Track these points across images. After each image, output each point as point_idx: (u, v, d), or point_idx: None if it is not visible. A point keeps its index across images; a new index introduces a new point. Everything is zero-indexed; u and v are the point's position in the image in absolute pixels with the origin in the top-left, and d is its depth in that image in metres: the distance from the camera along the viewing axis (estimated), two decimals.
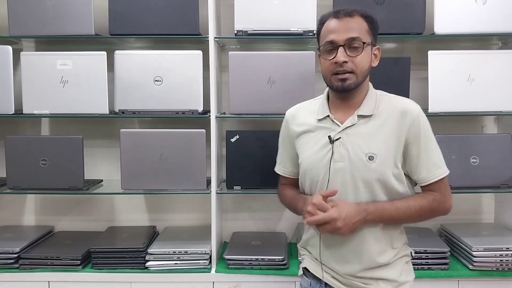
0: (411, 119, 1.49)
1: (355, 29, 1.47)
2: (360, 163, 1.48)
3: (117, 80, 2.07)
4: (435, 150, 1.53)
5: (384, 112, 1.51)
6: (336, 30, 1.47)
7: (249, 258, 2.04)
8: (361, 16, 1.49)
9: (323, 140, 1.53)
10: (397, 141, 1.49)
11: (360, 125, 1.51)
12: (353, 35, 1.46)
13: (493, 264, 1.99)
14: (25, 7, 2.06)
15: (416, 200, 1.52)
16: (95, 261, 2.07)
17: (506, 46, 2.26)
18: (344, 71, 1.46)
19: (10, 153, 2.07)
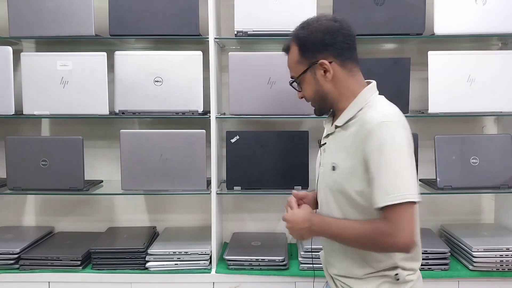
0: (367, 133, 1.33)
1: (291, 67, 1.50)
2: (327, 171, 1.45)
3: (117, 80, 2.07)
4: (390, 171, 1.28)
5: (352, 124, 1.40)
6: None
7: (249, 258, 2.04)
8: (293, 41, 1.46)
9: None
10: (355, 155, 1.36)
11: (337, 134, 1.46)
12: (292, 74, 1.50)
13: (493, 265, 1.99)
14: (25, 7, 2.06)
15: (365, 224, 1.34)
16: (95, 261, 2.07)
17: (506, 46, 2.26)
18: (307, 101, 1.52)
19: (10, 153, 2.07)
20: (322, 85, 1.44)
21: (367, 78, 2.01)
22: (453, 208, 2.42)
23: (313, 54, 1.42)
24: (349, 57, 1.43)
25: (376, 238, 1.30)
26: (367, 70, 2.03)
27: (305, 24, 1.45)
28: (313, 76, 1.44)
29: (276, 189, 2.11)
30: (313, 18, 1.46)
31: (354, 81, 1.45)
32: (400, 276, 1.40)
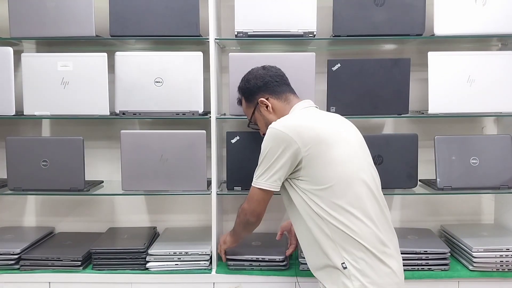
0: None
1: (246, 113, 1.91)
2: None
3: (118, 81, 2.07)
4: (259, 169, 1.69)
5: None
6: None
7: (250, 258, 2.04)
8: (240, 94, 1.90)
9: None
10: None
11: None
12: (247, 118, 1.90)
13: (493, 265, 2.00)
14: (26, 8, 2.06)
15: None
16: (95, 262, 2.07)
17: (505, 47, 2.26)
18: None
19: (11, 154, 2.07)
20: (267, 117, 1.80)
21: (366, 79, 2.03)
22: (453, 209, 2.42)
23: (254, 97, 1.82)
24: (282, 90, 1.81)
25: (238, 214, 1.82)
26: (367, 70, 2.06)
27: (243, 78, 1.87)
28: (260, 113, 1.82)
29: None
30: (247, 73, 1.87)
31: (289, 106, 1.79)
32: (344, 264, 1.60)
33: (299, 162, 1.60)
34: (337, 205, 1.57)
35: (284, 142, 1.60)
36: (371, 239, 1.57)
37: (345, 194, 1.58)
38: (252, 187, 1.71)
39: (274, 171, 1.63)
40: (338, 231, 1.57)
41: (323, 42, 2.27)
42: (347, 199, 1.57)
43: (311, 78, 2.03)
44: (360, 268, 1.55)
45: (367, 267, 1.55)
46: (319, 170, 1.59)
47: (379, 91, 2.05)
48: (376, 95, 2.05)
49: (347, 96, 2.06)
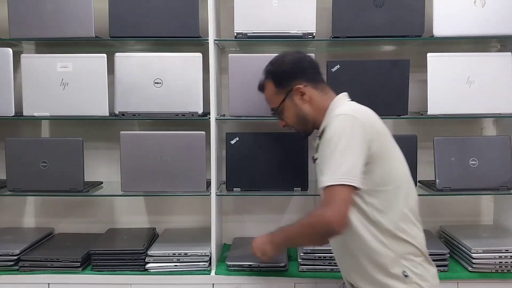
0: (325, 123, 1.54)
1: (270, 100, 1.69)
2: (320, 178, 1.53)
3: (117, 82, 2.07)
4: (332, 158, 1.40)
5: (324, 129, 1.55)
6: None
7: (250, 263, 2.03)
8: (267, 78, 1.67)
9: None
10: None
11: (319, 145, 1.57)
12: (271, 106, 1.69)
13: (492, 266, 2.00)
14: (25, 9, 2.06)
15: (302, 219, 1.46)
16: (95, 263, 2.07)
17: (504, 48, 2.27)
18: (290, 129, 1.70)
19: (10, 155, 2.07)
20: (301, 107, 1.61)
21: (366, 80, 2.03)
22: (452, 210, 2.42)
23: (288, 83, 1.62)
24: (318, 80, 1.64)
25: (311, 224, 1.40)
26: (367, 72, 2.06)
27: (274, 61, 1.68)
28: (292, 102, 1.62)
29: (276, 191, 2.11)
30: (279, 55, 1.69)
31: (326, 98, 1.61)
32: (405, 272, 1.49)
33: (369, 155, 1.42)
34: (397, 209, 1.46)
35: (361, 129, 1.41)
36: (423, 242, 1.54)
37: (407, 196, 1.49)
38: (332, 187, 1.36)
39: (358, 163, 1.39)
40: (396, 238, 1.47)
41: (323, 43, 2.27)
42: (407, 201, 1.49)
43: None
44: (420, 274, 1.49)
45: (425, 271, 1.51)
46: (385, 167, 1.45)
47: (378, 92, 2.05)
48: (375, 96, 2.05)
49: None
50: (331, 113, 1.55)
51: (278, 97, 1.64)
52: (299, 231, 1.46)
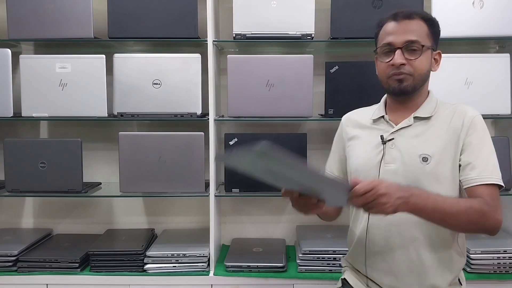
0: (468, 122, 1.43)
1: (414, 32, 1.42)
2: (413, 165, 1.41)
3: (116, 83, 2.07)
4: (490, 156, 1.43)
5: (442, 115, 1.47)
6: (394, 32, 1.43)
7: (249, 264, 2.04)
8: (421, 19, 1.44)
9: (375, 141, 1.48)
10: (455, 144, 1.42)
11: (416, 127, 1.46)
12: (411, 38, 1.41)
13: (490, 267, 2.00)
14: (24, 10, 2.07)
15: (467, 200, 1.38)
16: (93, 264, 2.07)
17: (503, 49, 2.27)
18: (400, 73, 1.42)
19: (8, 156, 2.07)
20: (429, 69, 1.47)
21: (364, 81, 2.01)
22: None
23: (436, 41, 1.48)
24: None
25: (484, 211, 1.32)
26: (365, 73, 2.06)
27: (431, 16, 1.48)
28: (431, 57, 1.46)
29: (274, 192, 2.10)
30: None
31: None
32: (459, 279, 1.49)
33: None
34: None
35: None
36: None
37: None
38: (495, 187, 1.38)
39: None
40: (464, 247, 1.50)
41: (321, 44, 2.27)
42: None
43: (309, 80, 2.03)
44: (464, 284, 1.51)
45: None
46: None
47: (377, 93, 2.03)
48: (373, 97, 2.03)
49: (345, 98, 2.06)
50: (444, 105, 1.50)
51: (426, 40, 1.44)
52: (459, 211, 1.30)
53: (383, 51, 1.46)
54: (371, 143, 1.50)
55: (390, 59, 1.43)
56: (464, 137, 1.42)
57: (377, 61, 1.52)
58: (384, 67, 1.46)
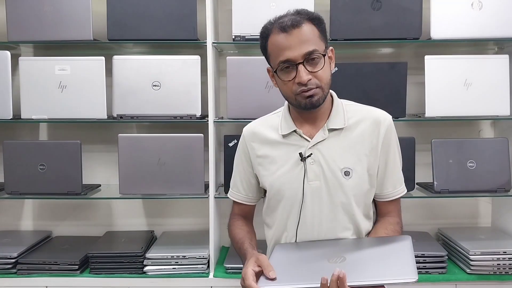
0: (384, 129, 1.41)
1: (309, 41, 1.32)
2: (336, 180, 1.38)
3: (115, 85, 2.07)
4: (400, 165, 1.46)
5: (356, 124, 1.42)
6: (288, 47, 1.31)
7: None
8: (309, 21, 1.34)
9: (292, 158, 1.41)
10: (373, 153, 1.41)
11: (331, 139, 1.40)
12: (309, 48, 1.31)
13: (490, 268, 2.00)
14: (23, 12, 2.07)
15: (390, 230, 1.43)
16: (93, 266, 2.07)
17: (502, 50, 2.27)
18: (309, 89, 1.33)
19: (8, 158, 2.07)
20: (330, 72, 1.39)
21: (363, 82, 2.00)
22: (450, 212, 2.42)
23: (326, 39, 1.39)
24: None
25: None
26: (364, 74, 2.06)
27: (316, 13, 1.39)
28: (328, 61, 1.37)
29: None
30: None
31: None
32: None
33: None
34: None
35: None
36: None
37: None
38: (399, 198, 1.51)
39: None
40: None
41: None
42: None
43: None
44: None
45: None
46: None
47: (376, 95, 2.05)
48: (373, 99, 2.05)
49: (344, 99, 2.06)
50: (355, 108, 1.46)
51: (320, 45, 1.35)
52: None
53: (282, 69, 1.35)
54: (289, 160, 1.42)
55: (294, 76, 1.33)
56: (381, 148, 1.41)
57: (275, 77, 1.40)
58: (289, 85, 1.35)
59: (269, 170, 1.46)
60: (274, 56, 1.37)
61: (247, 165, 1.54)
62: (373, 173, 1.42)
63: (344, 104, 1.47)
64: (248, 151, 1.51)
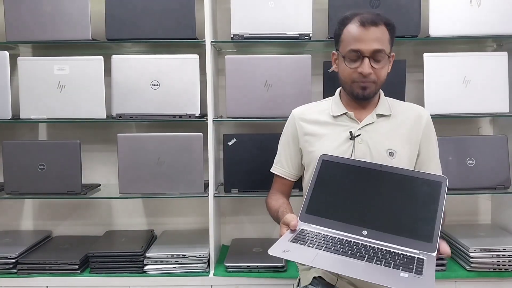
0: (425, 122, 1.58)
1: (380, 40, 1.48)
2: (381, 159, 1.51)
3: (114, 84, 2.07)
4: (437, 154, 1.62)
5: (401, 113, 1.59)
6: (362, 40, 1.47)
7: (249, 265, 2.04)
8: (385, 25, 1.50)
9: (342, 136, 1.55)
10: (414, 141, 1.56)
11: (379, 123, 1.57)
12: (379, 47, 1.47)
13: (490, 265, 2.00)
14: (22, 12, 2.06)
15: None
16: (93, 265, 2.07)
17: (500, 48, 2.27)
18: (366, 81, 1.50)
19: (7, 158, 2.07)
20: (386, 73, 1.54)
21: None
22: (449, 209, 2.40)
23: (392, 46, 1.55)
24: None
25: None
26: None
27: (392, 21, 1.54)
28: (388, 63, 1.54)
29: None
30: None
31: None
32: None
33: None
34: None
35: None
36: None
37: None
38: None
39: None
40: None
41: (319, 44, 2.27)
42: None
43: (308, 80, 2.03)
44: None
45: None
46: None
47: None
48: None
49: None
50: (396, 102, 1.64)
51: (388, 47, 1.53)
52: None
53: (350, 57, 1.50)
54: (338, 138, 1.56)
55: (357, 65, 1.49)
56: (421, 137, 1.57)
57: (338, 61, 1.56)
58: (350, 72, 1.51)
59: (316, 146, 1.58)
60: (346, 42, 1.51)
61: (292, 144, 1.67)
62: (413, 159, 1.57)
63: (389, 99, 1.64)
64: (297, 129, 1.65)
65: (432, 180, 1.40)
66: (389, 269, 1.18)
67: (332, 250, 1.24)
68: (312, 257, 1.20)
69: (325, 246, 1.26)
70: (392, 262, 1.20)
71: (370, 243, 1.29)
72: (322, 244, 1.27)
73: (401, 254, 1.24)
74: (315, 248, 1.24)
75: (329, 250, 1.24)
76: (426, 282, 1.13)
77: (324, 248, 1.25)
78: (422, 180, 1.39)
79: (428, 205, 1.36)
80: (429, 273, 1.16)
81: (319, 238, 1.30)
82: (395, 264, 1.19)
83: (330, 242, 1.28)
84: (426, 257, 1.24)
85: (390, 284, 1.13)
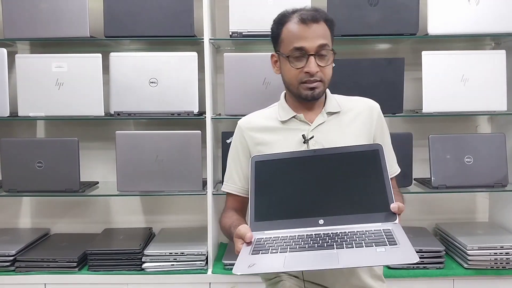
0: (377, 114, 1.54)
1: (322, 36, 1.43)
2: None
3: (113, 82, 2.07)
4: (391, 147, 1.59)
5: (351, 109, 1.53)
6: (305, 37, 1.41)
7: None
8: (324, 21, 1.45)
9: (295, 140, 1.48)
10: (368, 135, 1.51)
11: (330, 122, 1.50)
12: (322, 41, 1.42)
13: (487, 263, 2.01)
14: (19, 9, 2.06)
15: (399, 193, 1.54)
16: (91, 263, 2.07)
17: (499, 46, 2.27)
18: (314, 80, 1.43)
19: (5, 155, 2.07)
20: (331, 71, 1.49)
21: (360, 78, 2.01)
22: (447, 207, 2.43)
23: (333, 43, 1.48)
24: None
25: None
26: (361, 70, 2.06)
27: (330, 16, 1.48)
28: (332, 59, 1.48)
29: None
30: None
31: None
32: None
33: None
34: None
35: None
36: None
37: None
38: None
39: None
40: None
41: None
42: None
43: None
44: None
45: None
46: None
47: (373, 91, 2.04)
48: (370, 95, 2.02)
49: (341, 95, 2.06)
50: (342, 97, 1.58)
51: (331, 43, 1.47)
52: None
53: (294, 56, 1.43)
54: (291, 143, 1.48)
55: (303, 65, 1.42)
56: (375, 129, 1.52)
57: (280, 63, 1.50)
58: (296, 73, 1.44)
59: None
60: (287, 42, 1.45)
61: (243, 157, 1.56)
62: None
63: (336, 96, 1.59)
64: (246, 140, 1.55)
65: (368, 150, 1.33)
66: (364, 249, 1.11)
67: (298, 249, 1.15)
68: (282, 263, 1.10)
69: (289, 247, 1.16)
70: (362, 241, 1.14)
71: (331, 230, 1.22)
72: (285, 246, 1.17)
73: (366, 231, 1.18)
74: (280, 253, 1.15)
75: (295, 250, 1.15)
76: (406, 249, 1.08)
77: (289, 249, 1.15)
78: (359, 153, 1.33)
79: (373, 175, 1.29)
80: (403, 240, 1.12)
81: (279, 241, 1.20)
82: (366, 243, 1.13)
83: (292, 242, 1.19)
84: (391, 227, 1.19)
85: (376, 262, 1.09)
